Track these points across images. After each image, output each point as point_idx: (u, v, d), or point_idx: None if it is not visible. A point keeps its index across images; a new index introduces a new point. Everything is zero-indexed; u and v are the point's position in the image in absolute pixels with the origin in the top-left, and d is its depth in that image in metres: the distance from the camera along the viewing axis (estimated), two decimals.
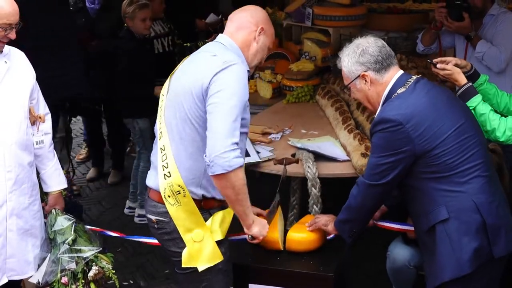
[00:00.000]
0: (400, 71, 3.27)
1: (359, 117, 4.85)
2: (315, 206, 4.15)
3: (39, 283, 3.62)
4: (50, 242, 3.70)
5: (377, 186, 3.19)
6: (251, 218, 3.20)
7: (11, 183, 3.47)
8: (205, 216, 3.21)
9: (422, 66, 5.44)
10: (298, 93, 5.65)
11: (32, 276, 3.65)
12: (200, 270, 3.20)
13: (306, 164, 4.15)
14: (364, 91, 3.28)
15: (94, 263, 3.69)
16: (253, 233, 3.23)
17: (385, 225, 3.71)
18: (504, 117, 3.47)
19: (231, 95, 3.02)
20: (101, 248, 3.73)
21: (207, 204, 3.22)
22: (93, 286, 3.68)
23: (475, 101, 3.42)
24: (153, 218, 3.28)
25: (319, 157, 4.27)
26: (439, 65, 3.56)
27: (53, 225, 3.70)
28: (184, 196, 3.15)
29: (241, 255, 3.58)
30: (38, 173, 3.73)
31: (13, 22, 3.42)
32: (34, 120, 3.65)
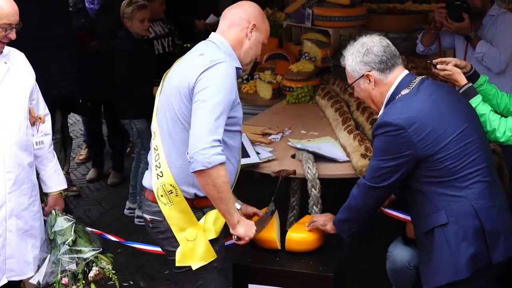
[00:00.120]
0: (405, 71, 3.24)
1: (359, 117, 4.85)
2: (315, 206, 4.15)
3: (39, 284, 3.62)
4: (50, 242, 3.70)
5: (378, 188, 3.18)
6: (236, 218, 3.16)
7: (10, 183, 3.48)
8: (198, 215, 3.21)
9: (422, 67, 5.45)
10: (298, 93, 5.65)
11: (32, 277, 3.65)
12: (194, 268, 3.21)
13: (306, 165, 4.15)
14: (367, 91, 3.25)
15: (94, 263, 3.69)
16: (238, 233, 3.18)
17: (391, 213, 3.70)
18: (504, 117, 3.47)
19: (215, 92, 3.02)
20: (101, 249, 3.73)
21: (200, 203, 3.22)
22: (93, 287, 3.68)
23: (475, 102, 3.41)
24: (148, 217, 3.30)
25: (319, 157, 4.27)
26: (439, 66, 3.56)
27: (53, 225, 3.70)
28: (176, 195, 3.16)
29: (240, 255, 3.58)
30: (37, 174, 3.74)
31: (13, 22, 3.42)
32: (34, 120, 3.65)
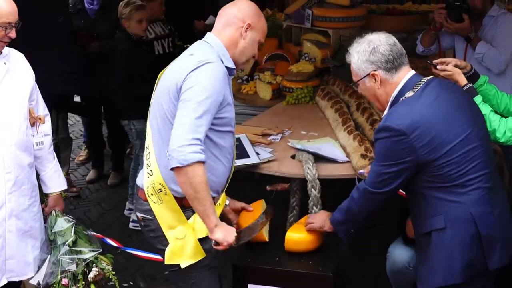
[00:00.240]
0: (411, 72, 3.19)
1: (358, 118, 4.85)
2: (314, 207, 4.14)
3: (39, 284, 3.63)
4: (50, 243, 3.70)
5: (379, 194, 3.16)
6: (214, 222, 3.10)
7: (10, 184, 3.48)
8: (188, 214, 3.21)
9: (422, 67, 5.43)
10: (298, 94, 5.64)
11: (32, 278, 3.65)
12: (182, 267, 3.21)
13: (306, 166, 4.14)
14: (373, 90, 3.21)
15: (94, 264, 3.70)
16: (215, 237, 3.11)
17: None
18: (504, 118, 3.47)
19: (200, 92, 3.02)
20: (101, 250, 3.73)
21: (189, 202, 3.19)
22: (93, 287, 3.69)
23: (476, 102, 3.41)
24: (139, 215, 3.33)
25: (319, 158, 4.27)
26: (439, 66, 3.55)
27: (53, 226, 3.71)
28: (166, 194, 3.17)
29: (240, 255, 3.58)
30: (37, 175, 3.74)
31: (12, 21, 3.43)
32: (34, 121, 3.65)
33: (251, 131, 4.80)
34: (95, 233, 3.88)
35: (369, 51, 3.16)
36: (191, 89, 3.03)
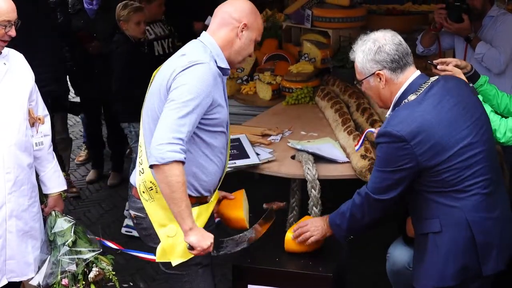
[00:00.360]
0: (417, 72, 3.16)
1: (358, 118, 4.85)
2: (314, 207, 4.14)
3: (39, 285, 3.62)
4: (50, 244, 3.69)
5: (381, 201, 3.14)
6: (189, 224, 3.03)
7: (10, 184, 3.47)
8: None
9: (421, 67, 5.42)
10: (298, 94, 5.64)
11: (32, 278, 3.65)
12: (173, 265, 3.20)
13: (306, 166, 4.14)
14: (377, 89, 3.17)
15: (94, 264, 3.69)
16: (189, 241, 3.05)
17: None
18: (505, 118, 3.47)
19: (186, 92, 3.00)
20: (101, 250, 3.73)
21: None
22: None
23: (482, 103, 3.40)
24: (132, 213, 3.33)
25: (319, 158, 4.26)
26: (439, 66, 3.54)
27: (53, 227, 3.70)
28: (157, 192, 3.14)
29: (240, 256, 3.57)
30: (37, 175, 3.73)
31: (12, 19, 3.42)
32: (33, 121, 3.65)
33: (251, 131, 4.80)
34: (93, 236, 3.87)
35: (374, 50, 3.12)
36: (177, 89, 3.02)
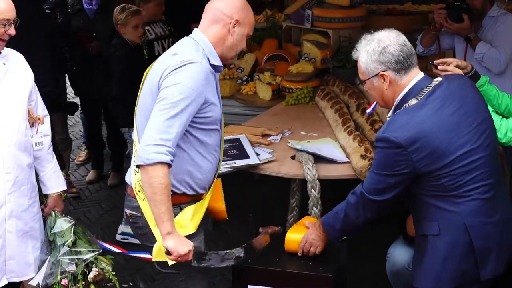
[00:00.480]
0: (420, 75, 3.13)
1: (358, 118, 4.85)
2: (314, 208, 4.14)
3: (39, 285, 3.61)
4: (50, 244, 3.69)
5: (376, 202, 3.14)
6: (167, 228, 3.01)
7: (10, 184, 3.47)
8: (175, 211, 3.16)
9: (422, 68, 5.44)
10: (298, 95, 5.64)
11: (32, 279, 3.65)
12: (170, 264, 3.18)
13: (306, 166, 4.14)
14: (380, 90, 3.14)
15: (94, 265, 3.68)
16: (165, 245, 3.04)
17: None
18: (505, 118, 3.46)
19: (176, 92, 2.99)
20: (101, 250, 3.72)
21: (176, 199, 3.16)
22: None
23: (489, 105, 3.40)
24: (128, 212, 3.31)
25: (319, 159, 4.26)
26: (440, 67, 3.53)
27: (53, 227, 3.70)
28: None
29: None
30: (37, 176, 3.73)
31: (11, 18, 3.41)
32: (33, 121, 3.64)
33: (251, 131, 4.80)
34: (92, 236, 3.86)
35: (379, 51, 3.07)
36: (168, 88, 3.01)
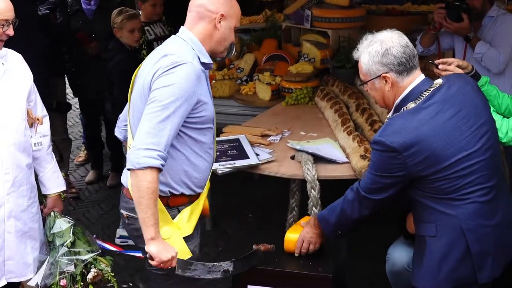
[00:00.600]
0: (420, 77, 3.12)
1: (358, 119, 4.85)
2: (314, 208, 4.14)
3: (37, 285, 3.61)
4: (49, 244, 3.69)
5: (372, 200, 3.16)
6: (151, 234, 2.98)
7: (9, 185, 3.47)
8: (173, 213, 3.16)
9: (421, 68, 5.44)
10: (297, 95, 5.64)
11: (31, 279, 3.64)
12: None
13: (305, 166, 4.14)
14: (382, 91, 3.13)
15: (93, 265, 3.68)
16: (149, 250, 3.00)
17: None
18: (506, 118, 3.46)
19: (167, 94, 2.96)
20: (100, 251, 3.71)
21: (174, 201, 3.16)
22: None
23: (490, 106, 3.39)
24: (124, 213, 3.28)
25: (318, 159, 4.26)
26: (441, 66, 3.53)
27: (52, 227, 3.69)
28: None
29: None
30: (36, 176, 3.73)
31: (9, 18, 3.41)
32: (32, 122, 3.64)
33: (250, 131, 4.80)
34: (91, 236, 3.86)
35: (381, 52, 3.06)
36: (158, 90, 2.98)
